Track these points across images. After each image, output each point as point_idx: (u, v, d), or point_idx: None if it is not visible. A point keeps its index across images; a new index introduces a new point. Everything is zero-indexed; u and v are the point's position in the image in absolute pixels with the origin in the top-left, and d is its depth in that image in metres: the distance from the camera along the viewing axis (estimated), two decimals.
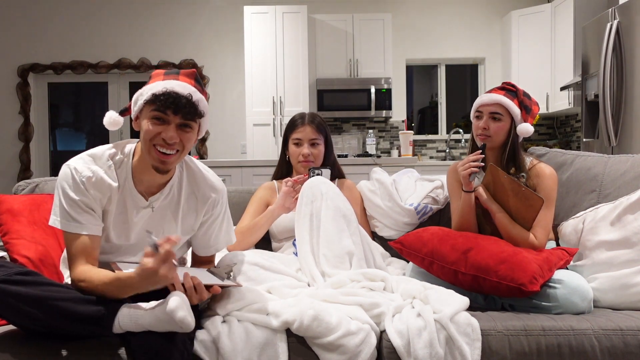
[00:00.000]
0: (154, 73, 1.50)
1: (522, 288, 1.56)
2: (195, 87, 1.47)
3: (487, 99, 1.91)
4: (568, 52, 5.19)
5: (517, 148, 1.91)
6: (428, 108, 7.08)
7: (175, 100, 1.40)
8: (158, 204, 1.55)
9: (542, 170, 1.89)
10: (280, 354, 1.42)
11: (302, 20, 5.53)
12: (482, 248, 1.69)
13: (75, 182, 1.44)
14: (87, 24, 6.09)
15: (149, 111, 1.43)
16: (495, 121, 1.89)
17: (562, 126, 6.11)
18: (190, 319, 1.28)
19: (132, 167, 1.52)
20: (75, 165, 1.46)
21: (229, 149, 6.15)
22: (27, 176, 6.00)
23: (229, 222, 1.72)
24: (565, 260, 1.72)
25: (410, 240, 1.83)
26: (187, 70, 1.51)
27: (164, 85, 1.42)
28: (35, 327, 1.35)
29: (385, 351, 1.46)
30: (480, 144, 1.93)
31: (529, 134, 1.88)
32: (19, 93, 6.03)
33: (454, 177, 2.00)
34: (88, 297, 1.35)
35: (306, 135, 2.17)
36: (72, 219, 1.43)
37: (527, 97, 1.93)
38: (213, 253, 1.72)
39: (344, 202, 1.84)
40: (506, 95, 1.90)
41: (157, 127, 1.42)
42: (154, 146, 1.43)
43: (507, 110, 1.89)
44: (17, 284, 1.29)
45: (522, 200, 1.76)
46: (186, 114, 1.42)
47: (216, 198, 1.64)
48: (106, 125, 1.54)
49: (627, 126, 3.53)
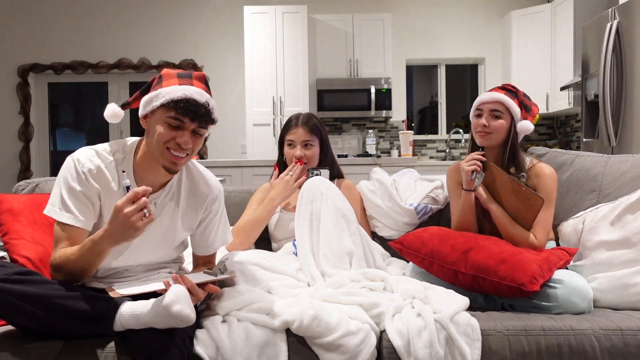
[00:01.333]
0: (165, 74, 1.50)
1: (522, 288, 1.56)
2: (207, 92, 1.50)
3: (487, 97, 1.91)
4: (568, 52, 5.19)
5: (516, 147, 1.92)
6: (428, 108, 7.08)
7: (194, 108, 1.43)
8: (159, 202, 1.56)
9: (542, 170, 1.88)
10: (280, 354, 1.42)
11: (302, 20, 5.53)
12: (482, 248, 1.69)
13: (78, 173, 1.47)
14: (87, 24, 6.09)
15: (164, 115, 1.44)
16: (495, 119, 1.89)
17: (562, 126, 6.11)
18: (190, 311, 1.29)
19: (135, 164, 1.54)
20: (78, 157, 1.50)
21: (229, 149, 6.15)
22: (27, 176, 6.00)
23: (225, 223, 1.74)
24: (565, 260, 1.72)
25: (410, 240, 1.83)
26: (199, 74, 1.53)
27: (182, 91, 1.43)
28: (35, 326, 1.36)
29: (385, 351, 1.46)
30: (479, 142, 1.92)
31: (529, 131, 1.89)
32: (19, 93, 6.03)
33: (454, 178, 2.00)
34: (88, 295, 1.36)
35: (298, 137, 2.17)
36: (68, 210, 1.45)
37: (527, 97, 1.94)
38: (211, 252, 1.73)
39: (344, 202, 1.84)
40: (507, 95, 1.91)
41: (172, 132, 1.44)
42: (168, 149, 1.45)
43: (507, 109, 1.89)
44: (16, 283, 1.30)
45: (523, 200, 1.76)
46: (202, 121, 1.46)
47: (214, 196, 1.66)
48: (107, 118, 1.56)
49: (627, 126, 3.53)
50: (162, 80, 1.49)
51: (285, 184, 2.09)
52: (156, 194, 1.56)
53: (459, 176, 1.97)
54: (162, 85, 1.47)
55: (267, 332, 1.44)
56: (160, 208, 1.57)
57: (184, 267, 1.80)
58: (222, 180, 4.07)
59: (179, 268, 1.76)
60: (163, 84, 1.48)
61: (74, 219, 1.46)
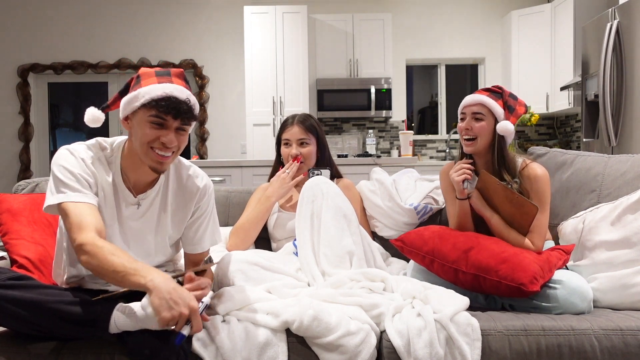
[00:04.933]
0: (143, 73, 1.48)
1: (522, 288, 1.56)
2: (187, 88, 1.48)
3: (469, 100, 1.89)
4: (568, 52, 5.19)
5: (504, 149, 1.87)
6: (428, 108, 7.08)
7: (176, 106, 1.41)
8: (147, 202, 1.55)
9: (534, 171, 1.84)
10: (280, 354, 1.42)
11: (302, 20, 5.53)
12: (483, 247, 1.69)
13: (75, 158, 1.46)
14: (87, 24, 6.09)
15: (146, 115, 1.42)
16: (477, 121, 1.86)
17: (562, 126, 6.11)
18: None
19: (121, 163, 1.53)
20: (73, 147, 1.49)
21: (229, 149, 6.15)
22: (27, 176, 6.00)
23: (215, 223, 1.70)
24: (563, 260, 1.72)
25: (411, 238, 1.83)
26: (177, 71, 1.50)
27: (162, 89, 1.41)
28: (31, 331, 1.35)
29: (385, 351, 1.46)
30: (466, 150, 1.90)
31: (509, 132, 1.83)
32: (19, 93, 6.03)
33: (447, 180, 1.99)
34: (82, 299, 1.35)
35: (294, 136, 2.17)
36: (72, 189, 1.41)
37: (513, 98, 1.89)
38: (200, 251, 1.68)
39: (345, 202, 1.84)
40: (490, 96, 1.87)
41: (156, 132, 1.42)
42: (152, 149, 1.44)
43: (490, 110, 1.86)
44: (11, 289, 1.29)
45: (517, 207, 1.75)
46: (185, 118, 1.44)
47: (202, 192, 1.62)
48: (87, 122, 1.53)
49: (627, 126, 3.53)
50: (140, 80, 1.46)
51: (282, 182, 2.09)
52: (144, 194, 1.55)
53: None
54: (141, 85, 1.44)
55: (267, 332, 1.44)
56: (149, 208, 1.56)
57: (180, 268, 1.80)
58: (222, 180, 4.07)
59: (173, 268, 1.76)
60: (142, 83, 1.45)
61: (83, 196, 1.42)
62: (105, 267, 1.30)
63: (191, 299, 1.27)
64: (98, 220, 1.40)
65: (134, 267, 1.29)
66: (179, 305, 1.24)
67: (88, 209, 1.40)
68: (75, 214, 1.38)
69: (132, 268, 1.28)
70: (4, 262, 1.81)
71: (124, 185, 1.53)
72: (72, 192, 1.41)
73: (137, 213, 1.55)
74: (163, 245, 1.63)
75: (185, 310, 1.24)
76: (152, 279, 1.26)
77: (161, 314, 1.23)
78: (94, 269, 1.33)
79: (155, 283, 1.25)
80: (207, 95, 6.14)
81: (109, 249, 1.32)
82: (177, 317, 1.24)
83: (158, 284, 1.25)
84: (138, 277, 1.27)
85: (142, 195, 1.54)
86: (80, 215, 1.38)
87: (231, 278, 1.64)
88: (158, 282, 1.26)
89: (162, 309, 1.23)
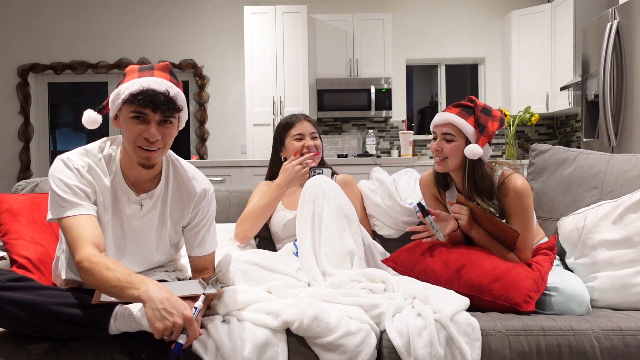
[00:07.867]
0: (128, 70, 1.49)
1: (517, 308, 1.57)
2: (171, 80, 1.46)
3: (438, 119, 1.81)
4: (568, 52, 5.19)
5: (477, 170, 1.77)
6: (428, 108, 7.08)
7: (153, 98, 1.40)
8: (150, 202, 1.56)
9: (515, 184, 1.74)
10: (280, 354, 1.42)
11: (302, 20, 5.53)
12: (475, 265, 1.67)
13: (70, 169, 1.45)
14: (87, 24, 6.09)
15: (128, 111, 1.42)
16: (448, 142, 1.79)
17: (562, 126, 6.11)
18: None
19: (120, 162, 1.53)
20: (67, 156, 1.48)
21: (229, 149, 6.15)
22: (27, 176, 6.00)
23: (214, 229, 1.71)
24: (550, 260, 1.73)
25: (402, 258, 1.83)
26: (161, 64, 1.50)
27: (140, 83, 1.41)
28: (31, 332, 1.35)
29: (385, 351, 1.46)
30: (436, 168, 1.84)
31: (477, 156, 1.73)
32: (19, 93, 6.03)
33: (428, 193, 1.98)
34: (82, 300, 1.35)
35: (306, 129, 2.19)
36: (69, 203, 1.42)
37: (485, 113, 1.77)
38: (203, 254, 1.68)
39: (346, 202, 1.84)
40: (459, 114, 1.77)
41: (138, 127, 1.42)
42: (137, 145, 1.44)
43: (460, 130, 1.77)
44: (10, 290, 1.29)
45: (500, 229, 1.75)
46: (165, 110, 1.42)
47: (202, 194, 1.62)
48: (85, 125, 1.54)
49: (627, 126, 3.53)
50: (125, 77, 1.47)
51: (293, 170, 2.06)
52: (146, 194, 1.55)
53: (433, 190, 1.96)
54: (124, 82, 1.45)
55: (267, 332, 1.44)
56: (151, 209, 1.56)
57: (181, 267, 1.80)
58: (222, 180, 4.07)
59: (174, 267, 1.76)
60: (124, 80, 1.45)
61: (80, 208, 1.42)
62: (103, 282, 1.31)
63: (185, 308, 1.26)
64: (95, 232, 1.41)
65: (128, 280, 1.29)
66: (173, 315, 1.24)
67: (86, 221, 1.41)
68: (73, 229, 1.40)
69: (127, 281, 1.29)
70: (3, 262, 1.81)
71: (125, 184, 1.53)
72: (69, 206, 1.42)
73: (140, 213, 1.55)
74: (164, 245, 1.64)
75: (179, 320, 1.24)
76: (146, 290, 1.26)
77: (154, 325, 1.23)
78: (93, 284, 1.34)
79: (149, 294, 1.25)
80: (207, 95, 6.14)
81: (105, 264, 1.32)
82: (171, 327, 1.23)
83: (151, 294, 1.25)
84: (132, 290, 1.27)
85: (144, 195, 1.55)
86: (78, 229, 1.39)
87: (231, 278, 1.64)
88: (151, 292, 1.26)
89: (155, 320, 1.23)
